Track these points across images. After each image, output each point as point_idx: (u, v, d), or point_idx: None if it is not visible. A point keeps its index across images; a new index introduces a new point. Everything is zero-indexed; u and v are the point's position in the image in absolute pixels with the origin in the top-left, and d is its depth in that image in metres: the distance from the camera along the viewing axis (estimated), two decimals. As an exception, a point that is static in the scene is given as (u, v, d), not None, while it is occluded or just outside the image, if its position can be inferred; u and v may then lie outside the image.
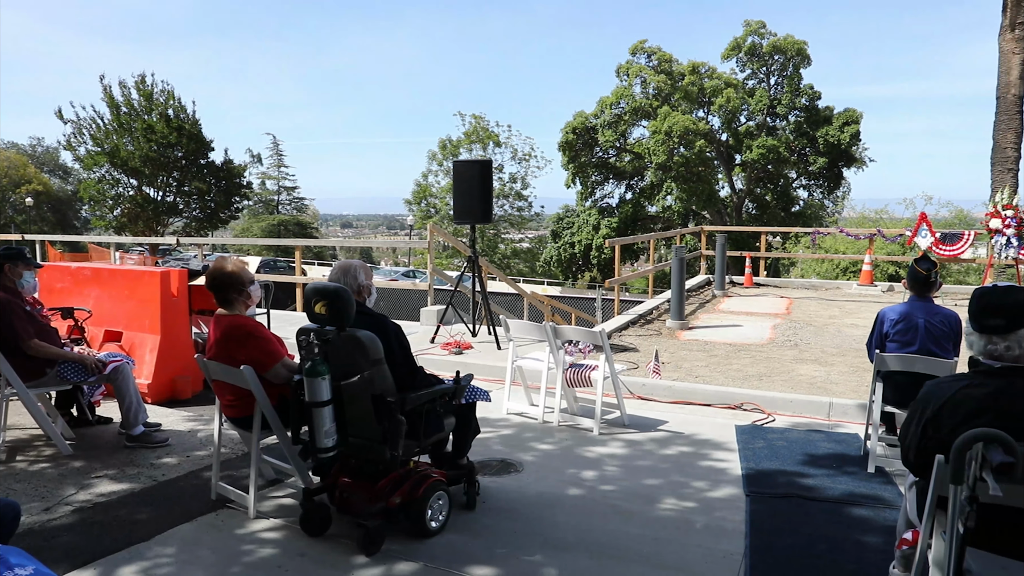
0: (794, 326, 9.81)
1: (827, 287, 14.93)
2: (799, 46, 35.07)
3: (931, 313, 4.65)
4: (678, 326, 9.49)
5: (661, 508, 4.11)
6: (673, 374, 6.97)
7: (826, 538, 3.75)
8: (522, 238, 47.21)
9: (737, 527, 3.87)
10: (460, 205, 8.36)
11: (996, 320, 2.44)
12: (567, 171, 37.69)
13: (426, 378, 3.80)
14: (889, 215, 33.31)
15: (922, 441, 2.48)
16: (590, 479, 4.54)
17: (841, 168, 35.79)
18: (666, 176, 35.01)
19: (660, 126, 33.44)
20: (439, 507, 3.70)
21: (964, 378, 2.49)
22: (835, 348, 8.35)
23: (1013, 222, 12.51)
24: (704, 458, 4.94)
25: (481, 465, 4.63)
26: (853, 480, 4.53)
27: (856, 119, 34.46)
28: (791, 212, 36.69)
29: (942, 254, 13.67)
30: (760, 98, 35.29)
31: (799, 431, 5.54)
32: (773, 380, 6.85)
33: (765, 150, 33.95)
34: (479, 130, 41.63)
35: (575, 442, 5.25)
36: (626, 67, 36.46)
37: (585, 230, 37.94)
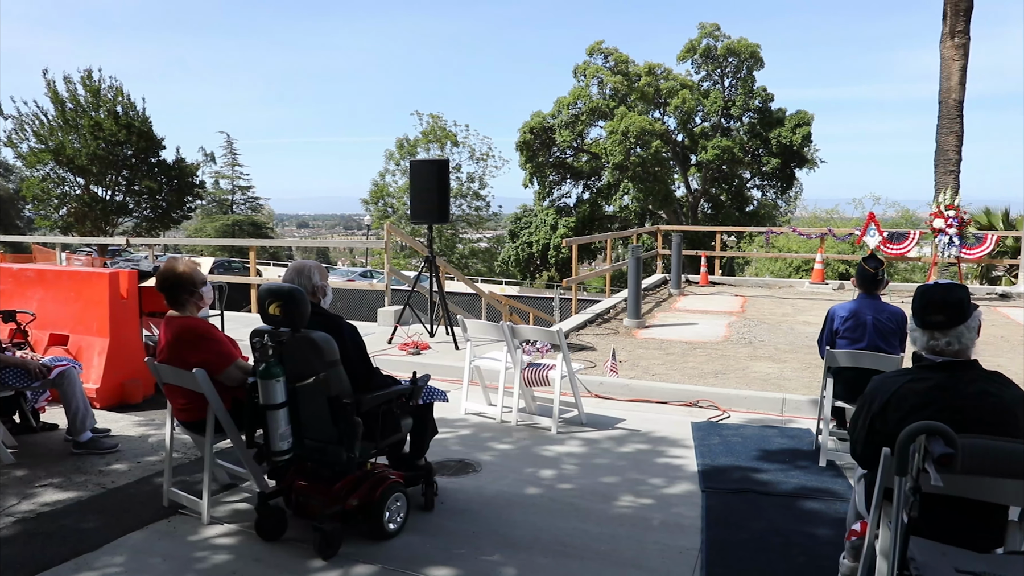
0: (748, 324, 9.98)
1: (780, 285, 15.22)
2: (752, 49, 35.68)
3: (878, 310, 4.77)
4: (635, 325, 9.59)
5: (618, 505, 4.14)
6: (630, 372, 7.04)
7: (779, 531, 3.82)
8: (480, 238, 47.19)
9: (693, 523, 3.92)
10: (417, 205, 8.32)
11: (937, 316, 2.51)
12: (525, 171, 37.78)
13: (382, 379, 3.77)
14: (839, 215, 34.13)
15: (869, 435, 2.55)
16: (548, 478, 4.55)
17: (793, 169, 36.50)
18: (623, 176, 35.31)
19: (617, 126, 33.71)
20: (397, 509, 3.67)
21: (908, 373, 2.56)
22: (788, 345, 8.52)
23: (955, 222, 12.92)
24: (661, 455, 5.00)
25: (439, 466, 4.61)
26: (805, 474, 4.63)
27: (807, 121, 35.18)
28: (745, 212, 37.33)
29: (889, 253, 14.04)
30: (715, 99, 35.81)
31: (753, 427, 5.64)
32: (728, 377, 6.95)
33: (720, 151, 34.47)
34: (437, 129, 41.49)
35: (533, 441, 5.26)
36: (583, 68, 36.69)
37: (543, 230, 38.06)
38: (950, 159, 15.44)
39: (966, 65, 15.31)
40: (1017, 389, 2.47)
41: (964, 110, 15.44)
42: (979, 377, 2.46)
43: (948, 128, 15.44)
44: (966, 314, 2.50)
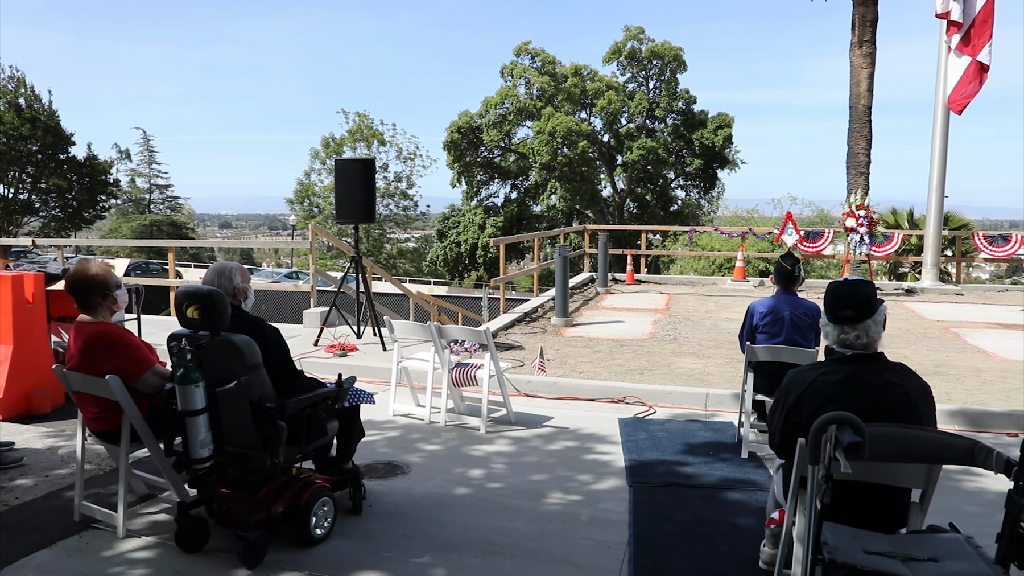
0: (673, 321, 10.20)
1: (704, 283, 15.62)
2: (675, 52, 36.49)
3: (795, 306, 4.96)
4: (563, 323, 9.68)
5: (547, 503, 4.18)
6: (558, 371, 7.11)
7: (704, 522, 3.92)
8: (408, 238, 46.82)
9: (621, 517, 3.98)
10: (343, 204, 8.20)
11: (847, 311, 2.63)
12: (452, 170, 37.67)
13: (307, 382, 3.71)
14: (759, 214, 35.26)
15: (786, 426, 2.65)
16: (477, 477, 4.56)
17: (715, 169, 37.50)
18: (550, 176, 35.60)
19: (544, 127, 33.97)
20: (324, 514, 3.61)
21: (821, 366, 2.67)
22: (711, 341, 8.75)
23: (865, 221, 13.52)
24: (589, 452, 5.06)
25: (367, 468, 4.56)
26: (728, 466, 4.76)
27: (728, 123, 36.20)
28: (670, 211, 38.15)
29: (806, 251, 14.60)
30: (640, 101, 36.46)
31: (678, 422, 5.77)
32: (654, 373, 7.10)
33: (645, 151, 35.12)
34: (363, 128, 40.95)
35: (462, 441, 5.26)
36: (511, 68, 36.83)
37: (471, 229, 38.02)
38: (860, 161, 16.15)
39: (873, 73, 16.04)
40: (918, 379, 2.61)
41: (872, 115, 16.17)
42: (885, 368, 2.59)
43: (858, 132, 16.14)
44: (873, 309, 2.63)
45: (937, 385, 6.53)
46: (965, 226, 17.55)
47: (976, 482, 4.47)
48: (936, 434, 2.39)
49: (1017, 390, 6.57)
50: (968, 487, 4.42)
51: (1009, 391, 6.53)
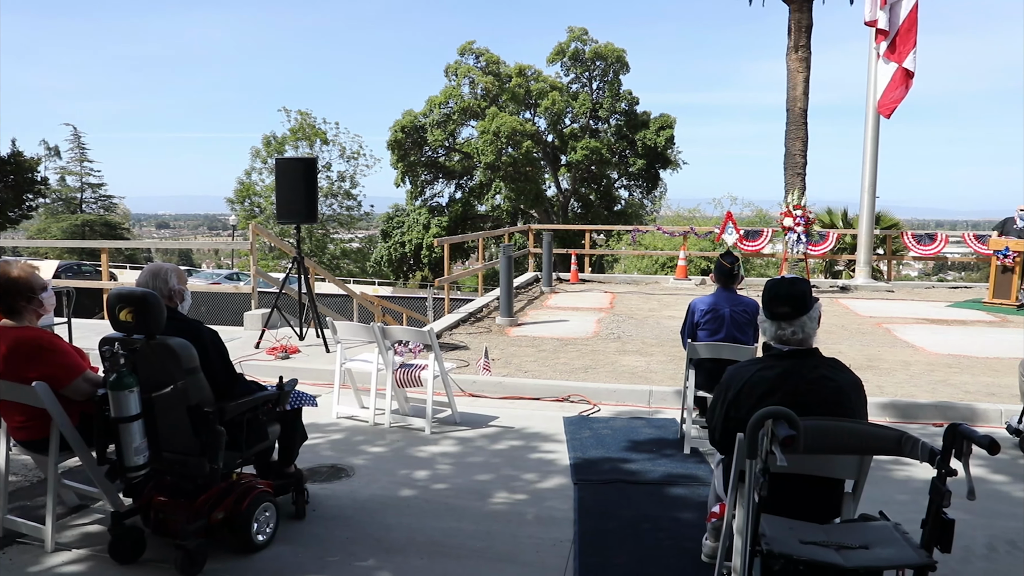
0: (617, 319, 10.32)
1: (647, 282, 15.84)
2: (618, 53, 36.89)
3: (735, 303, 5.07)
4: (507, 323, 9.70)
5: (493, 502, 4.18)
6: (503, 370, 7.12)
7: (648, 518, 3.98)
8: (352, 238, 46.25)
9: (566, 515, 4.01)
10: (284, 204, 8.05)
11: (783, 308, 2.71)
12: (396, 170, 37.35)
13: (247, 385, 3.63)
14: (701, 214, 35.90)
15: (725, 422, 2.71)
16: (423, 479, 4.53)
17: (658, 169, 38.05)
18: (495, 176, 35.62)
19: (488, 126, 33.97)
20: (266, 519, 3.54)
21: (759, 362, 2.74)
22: (654, 339, 8.88)
23: (802, 221, 13.90)
24: (534, 451, 5.09)
25: (310, 472, 4.49)
26: (671, 462, 4.84)
27: (670, 124, 36.77)
28: (614, 211, 38.55)
29: (746, 249, 14.94)
30: (583, 102, 36.76)
31: (622, 419, 5.84)
32: (598, 372, 7.17)
33: (588, 151, 35.42)
34: (305, 127, 40.30)
35: (407, 443, 5.22)
36: (454, 67, 36.71)
37: (415, 229, 37.77)
38: (797, 162, 16.61)
39: (808, 77, 16.51)
40: (851, 374, 2.70)
41: (808, 118, 16.64)
42: (819, 363, 2.67)
43: (795, 134, 16.60)
44: (808, 305, 2.71)
45: (870, 379, 6.78)
46: (895, 226, 18.22)
47: (905, 471, 4.64)
48: (866, 426, 2.48)
49: (943, 382, 6.85)
50: (898, 476, 4.59)
51: (935, 383, 6.80)
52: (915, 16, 13.01)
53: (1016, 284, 11.64)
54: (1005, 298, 11.70)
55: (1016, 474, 4.75)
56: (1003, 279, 11.79)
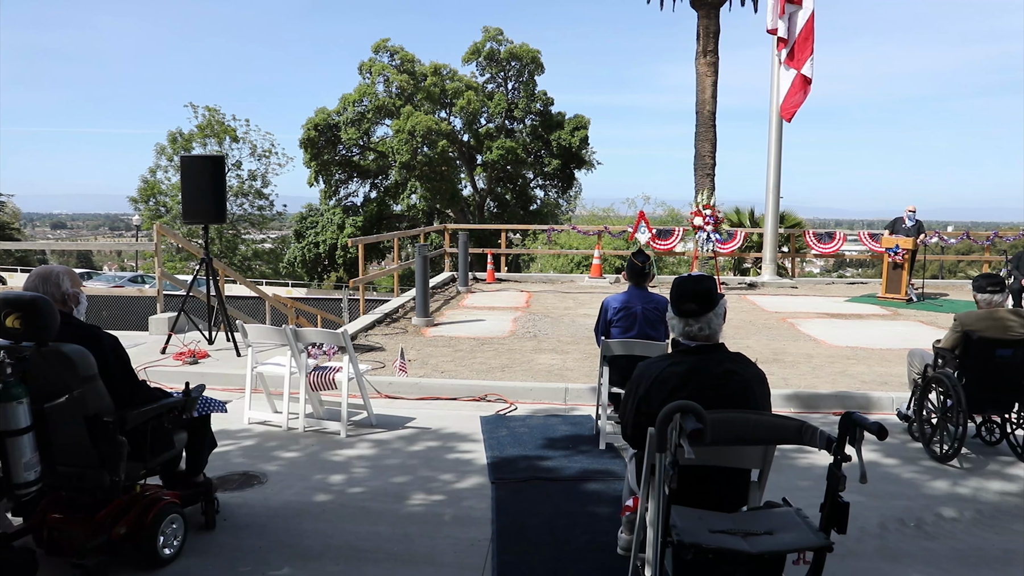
0: (533, 318, 10.41)
1: (563, 280, 16.03)
2: (533, 54, 37.16)
3: (647, 301, 5.18)
4: (424, 323, 9.65)
5: (410, 504, 4.15)
6: (419, 371, 7.07)
7: (565, 514, 4.03)
8: (264, 238, 44.99)
9: (484, 514, 4.02)
10: (190, 204, 7.76)
11: (690, 305, 2.79)
12: (310, 169, 36.55)
13: (150, 392, 3.48)
14: (615, 213, 36.61)
15: (637, 416, 2.77)
16: (338, 483, 4.46)
17: (573, 169, 38.52)
18: (410, 175, 35.33)
19: (403, 125, 33.66)
20: (173, 532, 3.41)
21: (668, 358, 2.81)
22: (570, 337, 8.99)
23: (711, 220, 14.35)
24: (451, 451, 5.07)
25: (221, 480, 4.35)
26: (587, 458, 4.92)
27: (585, 125, 37.30)
28: (529, 210, 38.82)
29: (658, 248, 15.31)
30: (499, 102, 36.88)
31: (539, 417, 5.89)
32: (515, 370, 7.21)
33: (504, 151, 35.56)
34: (214, 123, 38.96)
35: (322, 447, 5.12)
36: (369, 64, 36.21)
37: (330, 229, 37.06)
38: (707, 164, 17.15)
39: (717, 81, 17.07)
40: (755, 367, 2.81)
41: (717, 120, 17.20)
42: (725, 358, 2.76)
43: (704, 136, 17.13)
44: (714, 302, 2.80)
45: (775, 371, 7.06)
46: (798, 225, 19.04)
47: (808, 459, 4.86)
48: (769, 417, 2.58)
49: (842, 373, 7.20)
50: (801, 464, 4.80)
51: (836, 374, 7.15)
52: (811, 26, 13.65)
53: (905, 280, 12.36)
54: (896, 293, 12.41)
55: (906, 457, 5.04)
56: (894, 275, 12.50)
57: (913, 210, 12.98)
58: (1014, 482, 4.63)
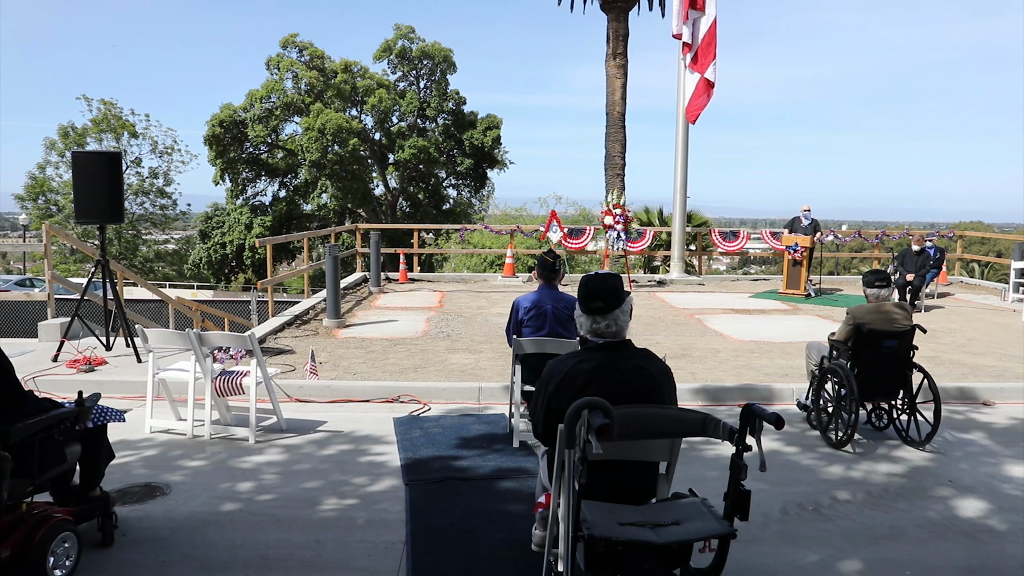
0: (446, 318, 10.38)
1: (476, 280, 16.03)
2: (446, 53, 37.02)
3: (557, 299, 5.25)
4: (335, 325, 9.48)
5: (322, 510, 4.08)
6: (331, 373, 6.95)
7: (479, 512, 4.04)
8: (167, 239, 43.14)
9: (398, 516, 3.99)
10: (84, 202, 7.37)
11: (597, 303, 2.84)
12: (215, 167, 35.32)
13: (38, 403, 3.29)
14: (527, 212, 36.86)
15: (547, 414, 2.80)
16: (247, 491, 4.33)
17: (485, 169, 38.62)
18: (320, 174, 34.62)
19: (313, 123, 32.95)
20: (65, 551, 3.22)
21: (577, 355, 2.85)
22: (483, 336, 9.01)
23: (621, 219, 14.66)
24: (364, 454, 5.01)
25: (120, 493, 4.16)
26: (501, 456, 4.94)
27: (497, 124, 37.43)
28: (442, 210, 38.67)
29: (570, 247, 15.53)
30: (411, 100, 36.59)
31: (453, 417, 5.88)
32: (428, 371, 7.17)
33: (416, 150, 35.31)
34: (110, 118, 37.08)
35: (229, 454, 4.96)
36: (277, 60, 35.27)
37: (237, 229, 35.90)
38: (617, 164, 17.46)
39: (626, 83, 17.39)
40: (661, 363, 2.88)
41: (627, 121, 17.54)
42: (633, 354, 2.83)
43: (614, 137, 17.43)
44: (621, 299, 2.86)
45: (684, 366, 7.28)
46: (705, 224, 19.63)
47: (715, 450, 5.03)
48: (675, 411, 2.66)
49: (746, 366, 7.49)
50: (709, 455, 4.97)
51: (740, 368, 7.42)
52: (714, 32, 14.14)
53: (804, 276, 12.97)
54: (796, 288, 13.00)
55: (805, 445, 5.29)
56: (794, 272, 13.09)
57: (808, 210, 13.62)
58: (899, 464, 4.93)
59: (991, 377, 7.22)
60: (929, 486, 4.55)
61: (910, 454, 5.12)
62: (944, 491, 4.47)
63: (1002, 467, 4.90)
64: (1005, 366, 7.76)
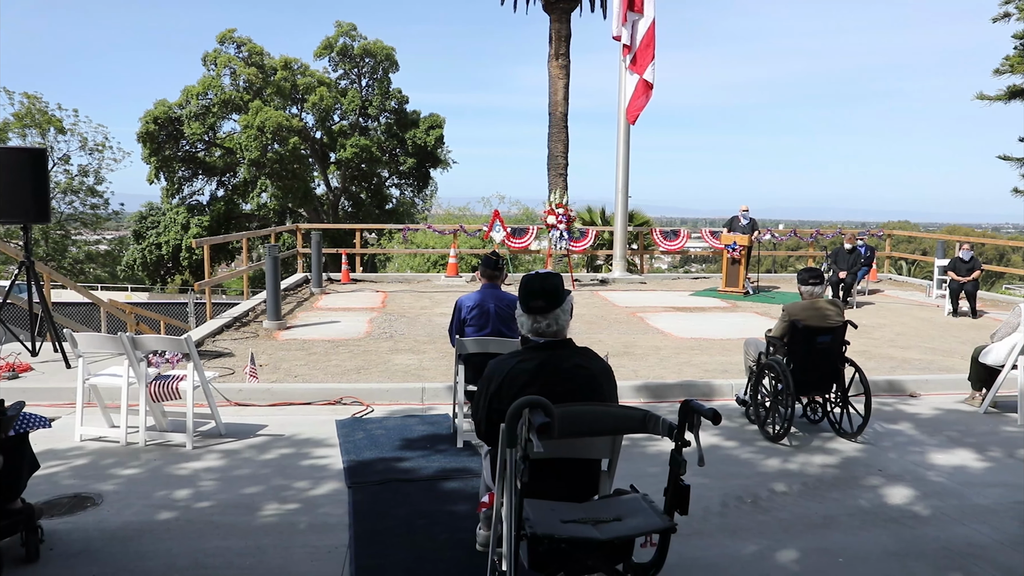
0: (389, 318, 10.29)
1: (419, 280, 15.94)
2: (388, 51, 36.68)
3: (499, 299, 5.26)
4: (275, 326, 9.30)
5: (263, 515, 4.00)
6: (271, 376, 6.82)
7: (424, 514, 4.02)
8: (99, 239, 41.68)
9: (341, 520, 3.94)
10: (5, 201, 7.05)
11: (538, 302, 2.86)
12: (150, 165, 34.28)
13: (-42, 412, 3.14)
14: (471, 212, 36.80)
15: (489, 413, 2.80)
16: (184, 498, 4.21)
17: (428, 168, 38.40)
18: (260, 173, 33.94)
19: (252, 121, 32.26)
20: (-13, 564, 3.10)
21: (518, 355, 2.86)
22: (426, 336, 8.96)
23: (564, 219, 14.76)
24: (306, 457, 4.93)
25: (47, 506, 4.00)
26: (445, 457, 4.92)
27: (440, 124, 37.26)
28: (385, 209, 38.33)
29: (513, 247, 15.56)
30: (352, 98, 36.15)
31: (396, 418, 5.84)
32: (371, 372, 7.10)
33: (358, 149, 34.89)
34: (35, 112, 35.62)
35: (165, 461, 4.83)
36: (214, 56, 34.39)
37: (173, 229, 34.93)
38: (559, 164, 17.58)
39: (568, 83, 17.52)
40: (601, 361, 2.91)
41: (569, 121, 17.67)
42: (573, 353, 2.85)
43: (557, 137, 17.55)
44: (561, 299, 2.88)
45: (626, 364, 7.38)
46: (647, 223, 19.89)
47: (657, 446, 5.11)
48: (615, 408, 2.69)
49: (687, 363, 7.62)
50: (651, 451, 5.04)
51: (681, 365, 7.55)
52: (652, 34, 14.35)
53: (743, 274, 13.27)
54: (735, 286, 13.30)
55: (743, 439, 5.42)
56: (732, 270, 13.38)
57: (746, 209, 13.95)
58: (833, 455, 5.09)
59: (917, 370, 7.52)
60: (860, 476, 4.71)
61: (843, 445, 5.29)
62: (874, 480, 4.63)
63: (927, 455, 5.11)
64: (930, 359, 8.08)
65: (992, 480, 4.68)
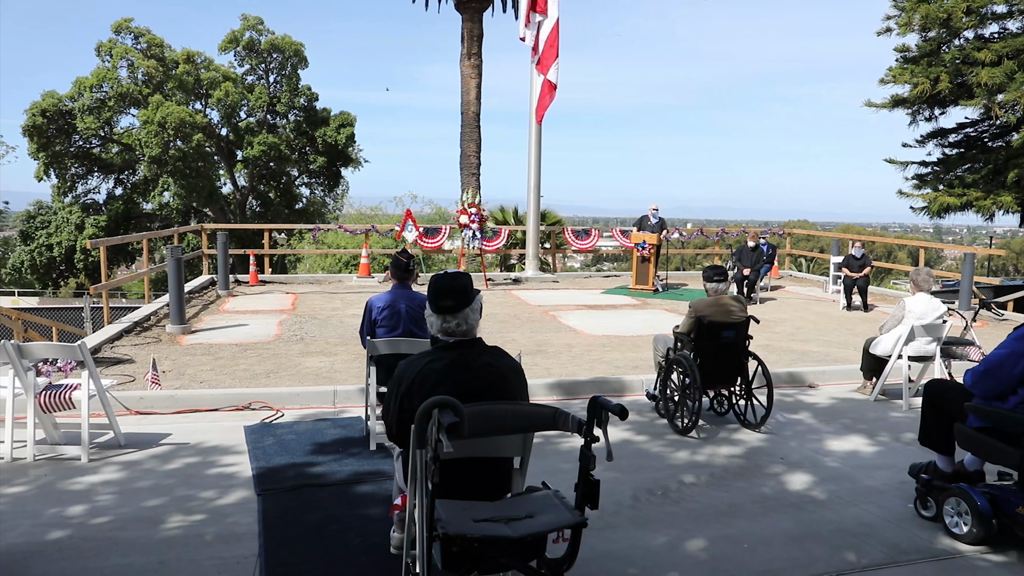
0: (300, 320, 10.06)
1: (330, 281, 15.64)
2: (296, 47, 35.79)
3: (411, 299, 5.22)
4: (179, 331, 8.95)
5: (167, 528, 3.84)
6: (175, 382, 6.56)
7: (336, 519, 3.95)
8: (-18, 241, 39.13)
9: (250, 529, 3.83)
10: None
11: (447, 302, 2.86)
12: (38, 161, 32.34)
13: None
14: (383, 212, 36.44)
15: (400, 414, 2.78)
16: (78, 515, 4.00)
17: (339, 167, 37.70)
18: (162, 171, 32.53)
19: (152, 116, 30.88)
20: None
21: (428, 355, 2.85)
22: (338, 338, 8.81)
23: (476, 218, 14.77)
24: (212, 466, 4.77)
25: (-77, 528, 3.73)
26: (358, 460, 4.85)
27: (351, 122, 36.64)
28: (295, 209, 37.42)
29: (425, 246, 15.48)
30: (260, 95, 35.11)
31: (307, 422, 5.71)
32: (281, 376, 6.93)
33: (267, 147, 33.93)
34: (-93, 107, 33.11)
35: (57, 476, 4.57)
36: (109, 46, 32.72)
37: (66, 230, 33.08)
38: (472, 163, 17.60)
39: (481, 83, 17.56)
40: (511, 359, 2.94)
41: (482, 121, 17.71)
42: (483, 352, 2.86)
43: (469, 136, 17.56)
44: (470, 298, 2.88)
45: (539, 362, 7.45)
46: (559, 223, 20.15)
47: (570, 443, 5.18)
48: (525, 407, 2.71)
49: (599, 360, 7.77)
50: (564, 448, 5.11)
51: (593, 362, 7.69)
52: (556, 34, 14.53)
53: (652, 272, 13.61)
54: (644, 284, 13.63)
55: (653, 433, 5.56)
56: (643, 268, 13.71)
57: (656, 209, 14.31)
58: (738, 446, 5.29)
59: (816, 362, 7.90)
60: (763, 464, 4.91)
61: (747, 436, 5.51)
62: (776, 468, 4.84)
63: (824, 443, 5.38)
64: (827, 351, 8.51)
65: (880, 463, 4.97)
